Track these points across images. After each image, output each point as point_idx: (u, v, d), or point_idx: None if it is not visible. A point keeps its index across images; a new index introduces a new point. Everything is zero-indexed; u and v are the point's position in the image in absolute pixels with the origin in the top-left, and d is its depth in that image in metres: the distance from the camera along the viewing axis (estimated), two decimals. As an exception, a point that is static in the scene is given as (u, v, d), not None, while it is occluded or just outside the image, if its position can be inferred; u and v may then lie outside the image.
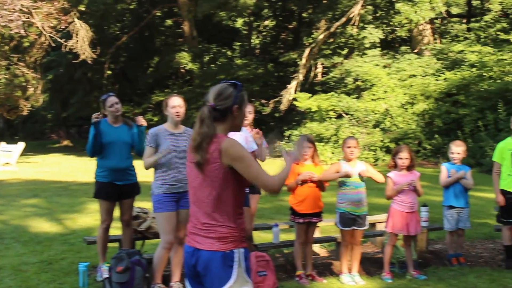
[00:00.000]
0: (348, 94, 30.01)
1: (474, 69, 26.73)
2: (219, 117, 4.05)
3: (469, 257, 9.55)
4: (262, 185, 3.99)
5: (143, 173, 8.07)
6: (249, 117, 8.30)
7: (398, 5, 28.97)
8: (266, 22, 45.76)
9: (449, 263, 9.00)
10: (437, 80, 27.87)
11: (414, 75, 28.77)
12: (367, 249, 10.15)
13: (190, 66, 37.16)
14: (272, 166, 5.86)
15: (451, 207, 9.06)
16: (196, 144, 3.97)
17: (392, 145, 24.96)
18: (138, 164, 7.98)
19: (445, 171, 9.16)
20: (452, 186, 9.08)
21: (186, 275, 4.18)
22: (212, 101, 4.05)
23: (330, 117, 28.84)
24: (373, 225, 10.22)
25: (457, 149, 9.13)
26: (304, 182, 8.03)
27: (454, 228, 9.13)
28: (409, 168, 8.37)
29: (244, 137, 7.58)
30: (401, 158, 8.31)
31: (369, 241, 10.51)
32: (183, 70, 41.28)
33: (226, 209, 3.98)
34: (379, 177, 8.11)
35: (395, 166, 8.43)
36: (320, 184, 8.12)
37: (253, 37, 45.77)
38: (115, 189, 7.93)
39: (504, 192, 8.73)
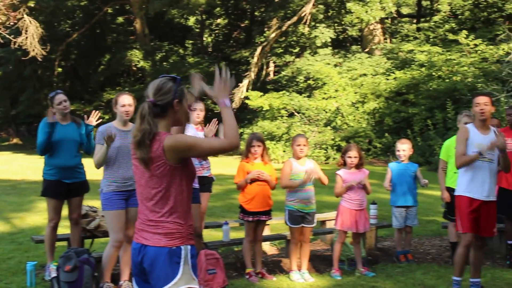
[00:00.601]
0: (299, 92, 30.15)
1: (423, 69, 27.06)
2: (159, 113, 4.01)
3: (417, 254, 9.70)
4: (220, 150, 3.98)
5: (92, 171, 8.01)
6: (201, 115, 8.31)
7: (349, 5, 29.21)
8: (219, 21, 45.72)
9: (397, 260, 9.13)
10: (387, 79, 28.16)
11: (365, 74, 29.03)
12: (316, 246, 10.23)
13: (142, 64, 36.92)
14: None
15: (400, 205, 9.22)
16: (137, 141, 3.94)
17: (343, 144, 25.11)
18: (87, 162, 7.92)
19: (389, 171, 9.32)
20: (400, 185, 9.22)
21: (133, 273, 4.16)
22: (152, 96, 4.02)
23: (282, 116, 28.92)
24: (323, 223, 10.31)
25: (403, 146, 9.29)
26: (253, 180, 8.06)
27: (402, 226, 9.26)
28: (358, 166, 8.47)
29: (193, 134, 7.58)
30: (350, 157, 8.41)
31: (319, 238, 10.59)
32: (134, 68, 40.99)
33: (174, 205, 3.95)
34: (324, 179, 8.25)
35: (344, 164, 8.53)
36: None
37: (205, 35, 45.70)
38: (63, 187, 7.84)
39: (450, 190, 8.85)
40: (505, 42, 26.34)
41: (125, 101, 7.25)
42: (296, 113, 28.74)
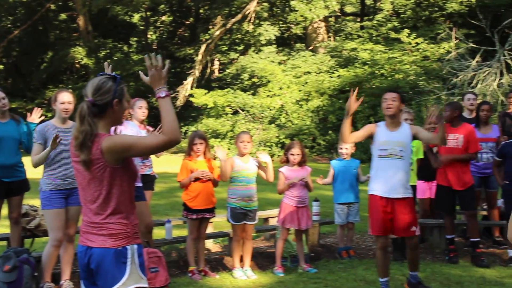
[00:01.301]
0: (244, 90, 30.20)
1: (366, 67, 27.38)
2: (98, 113, 3.92)
3: (359, 250, 9.80)
4: (160, 147, 3.83)
5: (33, 169, 7.88)
6: (146, 112, 8.28)
7: (293, 3, 29.34)
8: (163, 18, 45.47)
9: (339, 256, 9.21)
10: (331, 77, 28.41)
11: (308, 72, 29.22)
12: (260, 243, 10.25)
13: (85, 61, 36.55)
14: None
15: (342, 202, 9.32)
16: (79, 143, 3.84)
17: (288, 141, 25.21)
18: (27, 161, 7.80)
19: (332, 169, 9.42)
20: (342, 182, 9.32)
21: (80, 277, 4.09)
22: (91, 96, 3.91)
23: (226, 113, 28.95)
24: (266, 220, 10.34)
25: (345, 144, 9.37)
26: (197, 178, 8.05)
27: (344, 222, 9.35)
28: (301, 163, 8.53)
29: (136, 132, 7.53)
30: (292, 154, 8.46)
31: (262, 235, 10.62)
32: (78, 65, 40.54)
33: (117, 206, 3.90)
34: (271, 176, 8.31)
35: (287, 162, 8.57)
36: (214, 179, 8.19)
37: (150, 33, 45.39)
38: (3, 186, 7.70)
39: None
40: (446, 40, 26.82)
41: (65, 98, 7.14)
42: (240, 111, 28.77)
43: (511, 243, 8.90)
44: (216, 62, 37.40)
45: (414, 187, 8.77)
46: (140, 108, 8.21)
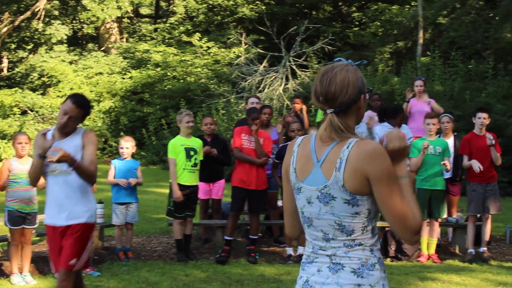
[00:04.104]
0: (33, 90, 29.22)
1: (158, 69, 27.46)
2: None
3: (144, 252, 9.85)
4: None
5: None
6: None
7: (85, 2, 28.78)
8: None
9: (117, 257, 9.20)
10: (123, 78, 28.20)
11: (101, 73, 28.82)
12: (42, 248, 9.97)
13: None
14: None
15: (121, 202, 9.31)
16: None
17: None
18: None
19: (112, 168, 9.39)
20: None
21: None
22: None
23: (14, 114, 27.84)
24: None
25: (126, 144, 9.46)
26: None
27: (123, 223, 9.35)
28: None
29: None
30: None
31: (45, 239, 10.34)
32: None
33: None
34: None
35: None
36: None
37: None
38: None
39: (179, 187, 9.09)
40: (236, 45, 27.55)
41: None
42: (29, 111, 27.82)
43: (288, 240, 9.35)
44: (5, 60, 35.87)
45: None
46: None
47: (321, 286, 2.89)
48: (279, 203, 10.41)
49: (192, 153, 9.21)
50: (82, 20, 32.10)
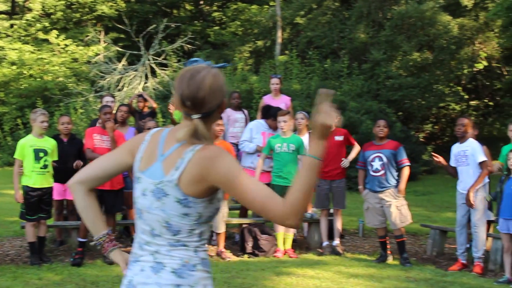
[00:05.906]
0: None
1: (14, 67, 26.69)
2: None
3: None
4: None
5: None
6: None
7: None
8: None
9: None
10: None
11: None
12: None
13: None
14: None
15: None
16: None
17: None
18: None
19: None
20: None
21: None
22: None
23: None
24: None
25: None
26: None
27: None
28: None
29: None
30: None
31: None
32: None
33: None
34: None
35: None
36: None
37: None
38: None
39: (28, 189, 8.84)
40: (95, 43, 27.17)
41: None
42: None
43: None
44: None
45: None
46: None
47: (143, 286, 2.89)
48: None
49: (41, 154, 8.93)
50: None
